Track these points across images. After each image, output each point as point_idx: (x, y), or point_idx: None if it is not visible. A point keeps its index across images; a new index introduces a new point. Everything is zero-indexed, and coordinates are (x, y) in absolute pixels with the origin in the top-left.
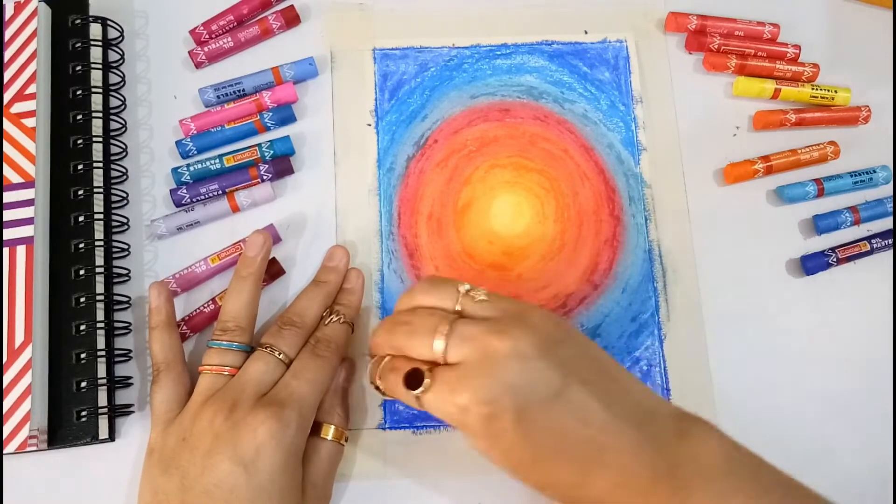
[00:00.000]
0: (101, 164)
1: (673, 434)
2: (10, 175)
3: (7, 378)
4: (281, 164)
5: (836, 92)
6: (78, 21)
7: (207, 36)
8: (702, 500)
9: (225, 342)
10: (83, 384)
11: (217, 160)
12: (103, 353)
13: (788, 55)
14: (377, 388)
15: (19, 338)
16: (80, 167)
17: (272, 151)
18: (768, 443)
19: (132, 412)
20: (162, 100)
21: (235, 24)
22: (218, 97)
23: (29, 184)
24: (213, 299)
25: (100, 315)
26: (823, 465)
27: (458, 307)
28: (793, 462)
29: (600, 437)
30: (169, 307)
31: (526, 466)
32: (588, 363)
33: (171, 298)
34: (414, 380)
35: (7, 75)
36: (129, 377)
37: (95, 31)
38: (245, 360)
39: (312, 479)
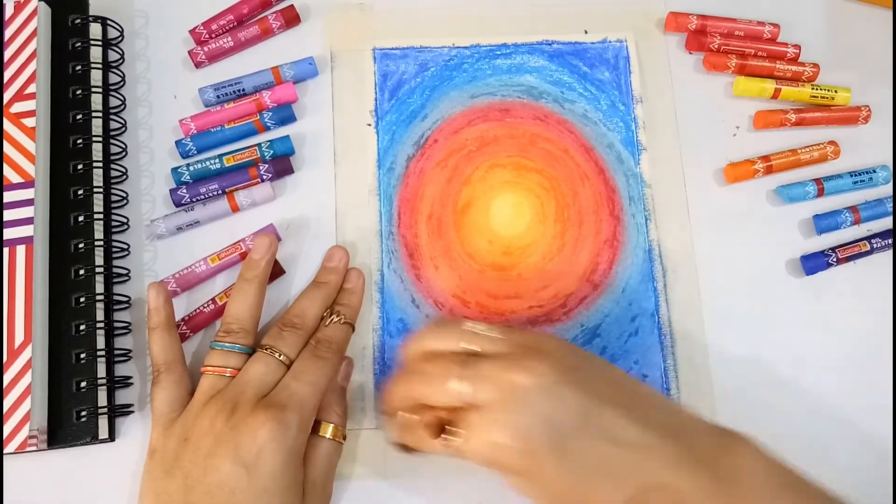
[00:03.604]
0: (100, 164)
1: (712, 448)
2: (10, 175)
3: (7, 378)
4: (281, 163)
5: (836, 92)
6: (78, 21)
7: (207, 36)
8: None
9: (228, 344)
10: (83, 384)
11: (217, 160)
12: (103, 353)
13: (788, 55)
14: (403, 447)
15: (19, 338)
16: (79, 167)
17: (272, 151)
18: (768, 442)
19: (132, 412)
20: (162, 100)
21: (235, 23)
22: (218, 97)
23: (29, 184)
24: (213, 299)
25: (100, 315)
26: (823, 464)
27: (469, 346)
28: (793, 461)
29: (635, 454)
30: (168, 308)
31: (567, 495)
32: (610, 384)
33: (170, 299)
34: (444, 430)
35: (7, 75)
36: (129, 377)
37: (95, 30)
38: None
39: (312, 478)
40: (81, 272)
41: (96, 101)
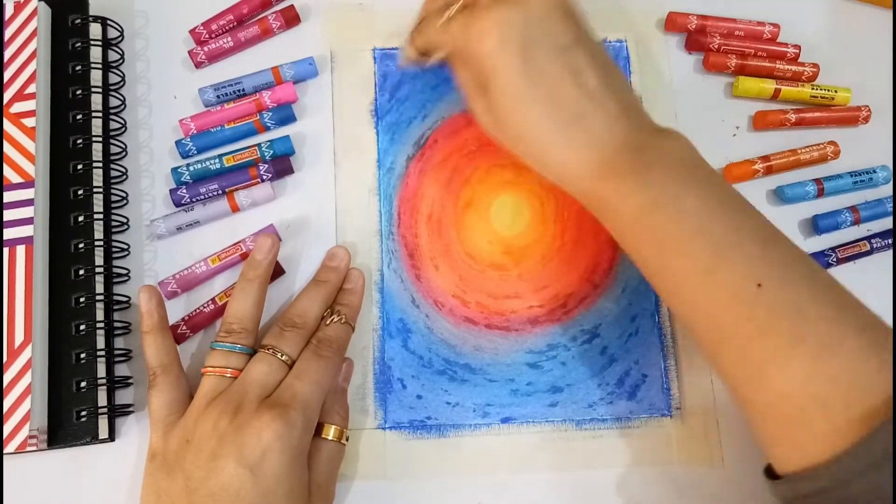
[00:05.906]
0: (100, 164)
1: (649, 127)
2: (10, 175)
3: (7, 378)
4: (281, 163)
5: (836, 92)
6: (78, 21)
7: (207, 36)
8: (657, 181)
9: (229, 344)
10: (83, 384)
11: (217, 160)
12: (103, 353)
13: (788, 55)
14: (416, 60)
15: (19, 338)
16: (79, 167)
17: (272, 151)
18: None
19: (132, 412)
20: (162, 100)
21: (235, 23)
22: (218, 97)
23: (29, 184)
24: (213, 299)
25: (100, 315)
26: None
27: None
28: None
29: (587, 101)
30: (161, 311)
31: (513, 111)
32: (596, 43)
33: (163, 302)
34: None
35: (7, 75)
36: (129, 377)
37: (95, 30)
38: (248, 362)
39: (317, 480)
40: (81, 272)
41: (96, 101)
